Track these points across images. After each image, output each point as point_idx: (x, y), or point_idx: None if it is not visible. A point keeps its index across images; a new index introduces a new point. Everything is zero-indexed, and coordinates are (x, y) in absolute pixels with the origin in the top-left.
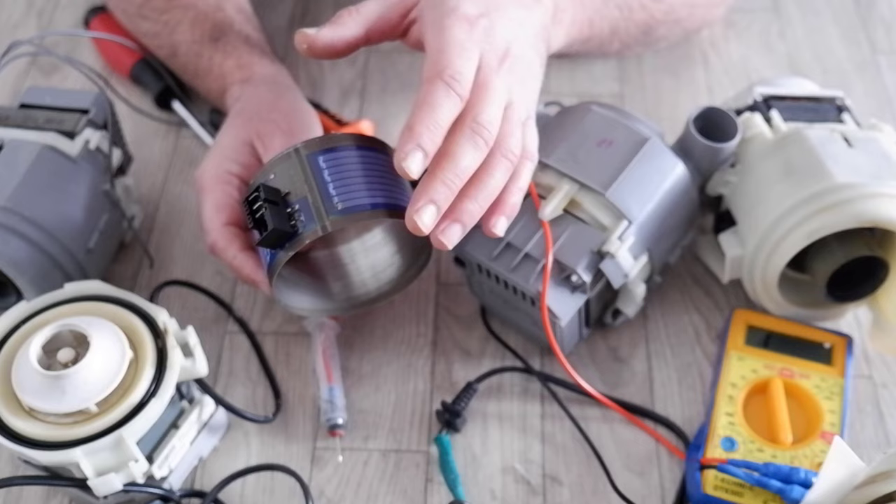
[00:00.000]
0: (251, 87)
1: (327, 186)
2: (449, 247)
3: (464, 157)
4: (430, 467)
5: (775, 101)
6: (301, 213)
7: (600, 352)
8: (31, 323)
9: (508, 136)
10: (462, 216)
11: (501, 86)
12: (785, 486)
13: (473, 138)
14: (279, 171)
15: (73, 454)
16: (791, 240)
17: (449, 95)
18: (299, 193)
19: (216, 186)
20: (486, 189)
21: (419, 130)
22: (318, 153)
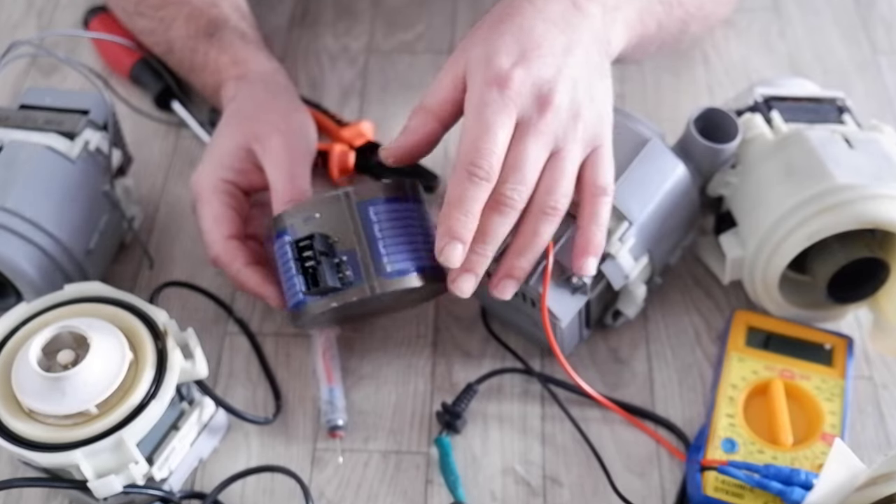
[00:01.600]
0: (246, 86)
1: (377, 244)
2: (506, 298)
3: (493, 227)
4: (430, 469)
5: (776, 101)
6: (349, 265)
7: (601, 353)
8: (31, 324)
9: (548, 192)
10: (513, 272)
11: (539, 142)
12: (785, 487)
13: (499, 209)
14: (326, 213)
15: (73, 456)
16: (792, 241)
17: (474, 184)
18: (348, 244)
19: (213, 196)
20: (532, 245)
21: (451, 224)
22: (369, 203)
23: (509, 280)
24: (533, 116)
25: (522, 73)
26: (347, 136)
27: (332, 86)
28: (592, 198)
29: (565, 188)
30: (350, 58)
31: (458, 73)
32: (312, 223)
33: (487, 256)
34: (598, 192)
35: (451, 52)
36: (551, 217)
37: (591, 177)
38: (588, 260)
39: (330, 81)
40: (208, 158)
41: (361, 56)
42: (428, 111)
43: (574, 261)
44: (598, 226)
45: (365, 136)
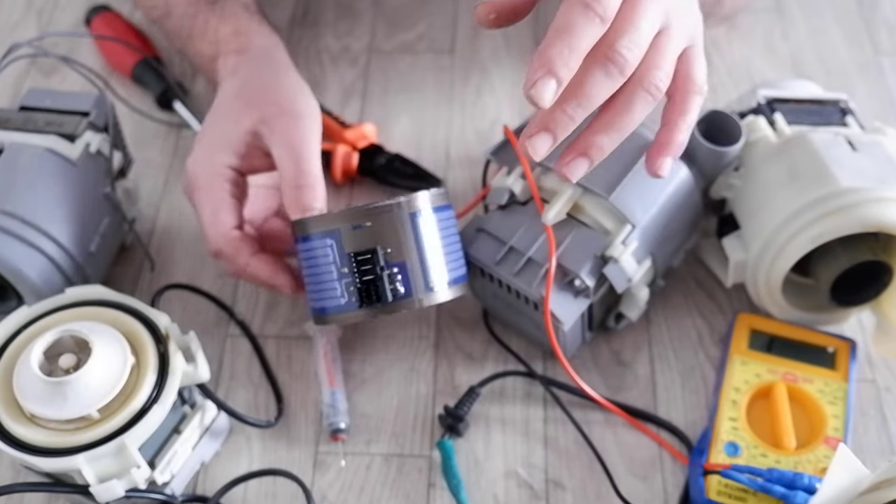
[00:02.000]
0: (248, 63)
1: (426, 257)
2: (573, 180)
3: (592, 85)
4: (432, 472)
5: (779, 103)
6: (399, 276)
7: (603, 356)
8: (33, 328)
9: (653, 67)
10: (590, 150)
11: (655, 7)
12: (789, 491)
13: (606, 66)
14: (379, 222)
15: (75, 461)
16: (795, 244)
17: (587, 17)
18: (399, 255)
19: (213, 185)
20: (621, 123)
21: (551, 55)
22: (418, 213)
23: (583, 159)
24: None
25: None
26: (351, 137)
27: (334, 86)
28: (685, 93)
29: (669, 68)
30: (351, 58)
31: None
32: (361, 233)
33: (575, 120)
34: (694, 87)
35: (453, 52)
36: (650, 97)
37: (686, 70)
38: (664, 160)
39: (331, 82)
40: (208, 142)
41: (363, 56)
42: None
43: (650, 159)
44: (687, 125)
45: (368, 138)
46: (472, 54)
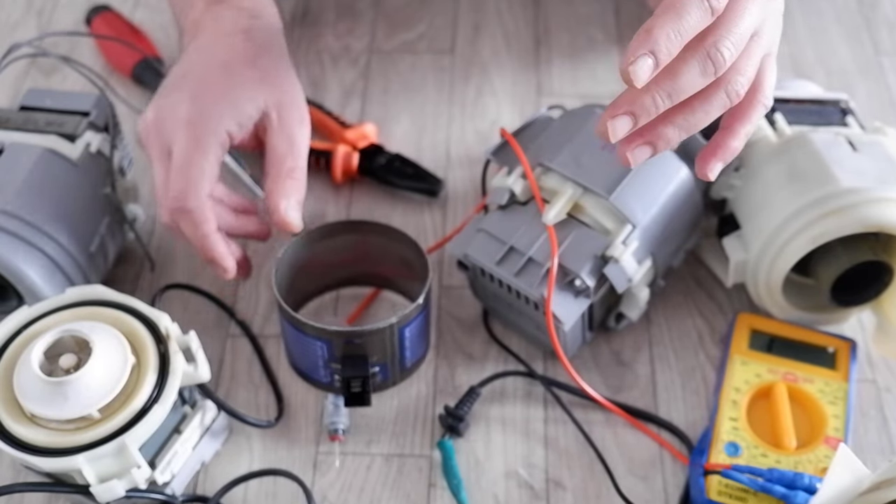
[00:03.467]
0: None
1: (405, 352)
2: (633, 166)
3: (686, 78)
4: (433, 472)
5: (779, 103)
6: (380, 373)
7: (603, 356)
8: (33, 328)
9: (739, 71)
10: (657, 140)
11: (755, 11)
12: (789, 491)
13: (705, 63)
14: (370, 340)
15: (76, 461)
16: (795, 244)
17: (700, 5)
18: (381, 358)
19: (211, 146)
20: (694, 119)
21: (657, 35)
22: (406, 326)
23: (648, 147)
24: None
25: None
26: (351, 137)
27: (334, 86)
28: (753, 102)
29: (752, 75)
30: (351, 58)
31: None
32: (354, 345)
33: (660, 109)
34: (762, 98)
35: (454, 52)
36: (729, 101)
37: (760, 79)
38: (716, 164)
39: (331, 81)
40: (218, 96)
41: (363, 56)
42: None
43: (702, 160)
44: (746, 133)
45: (368, 138)
46: (472, 54)
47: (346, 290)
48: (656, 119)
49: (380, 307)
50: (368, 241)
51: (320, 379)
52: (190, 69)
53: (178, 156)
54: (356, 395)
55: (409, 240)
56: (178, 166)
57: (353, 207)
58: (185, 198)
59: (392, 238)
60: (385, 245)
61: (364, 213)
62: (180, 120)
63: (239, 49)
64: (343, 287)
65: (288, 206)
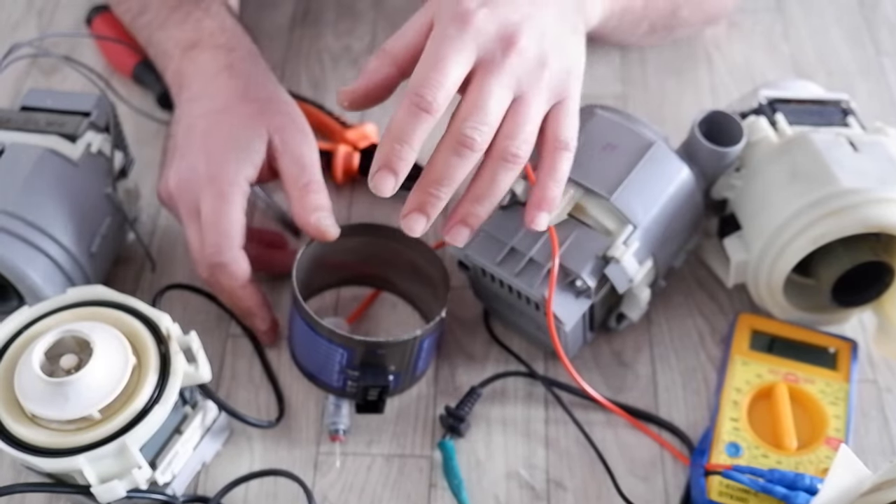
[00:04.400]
0: (245, 62)
1: (419, 362)
2: (460, 245)
3: (449, 167)
4: (433, 472)
5: (780, 104)
6: (393, 381)
7: (604, 356)
8: (34, 328)
9: (508, 136)
10: (467, 218)
11: (501, 82)
12: (790, 492)
13: (456, 148)
14: (392, 352)
15: (77, 461)
16: (796, 245)
17: (414, 113)
18: (398, 368)
19: (236, 199)
20: (490, 193)
21: (385, 153)
22: (425, 339)
23: (463, 227)
24: (496, 56)
25: (487, 12)
26: (352, 138)
27: (334, 86)
28: (553, 151)
29: (527, 135)
30: (352, 58)
31: (424, 21)
32: (376, 356)
33: (442, 199)
34: (560, 145)
35: None
36: (511, 164)
37: (553, 129)
38: (539, 215)
39: (332, 82)
40: (229, 150)
41: (363, 56)
42: (388, 54)
43: (526, 214)
44: (556, 181)
45: (369, 138)
46: None
47: (347, 290)
48: (461, 200)
49: (380, 308)
50: (380, 244)
51: (331, 383)
52: (192, 123)
53: (207, 212)
54: (370, 403)
55: (426, 249)
56: (208, 223)
57: (353, 207)
58: (220, 251)
59: (408, 245)
60: (399, 251)
61: (364, 213)
62: (201, 178)
63: (229, 88)
64: (345, 286)
65: (319, 219)
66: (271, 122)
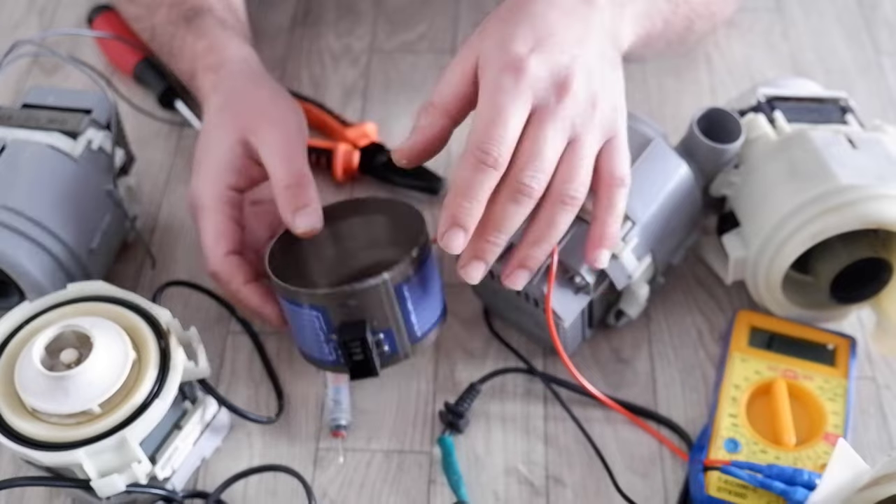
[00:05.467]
0: (227, 78)
1: (410, 316)
2: (518, 289)
3: (506, 215)
4: (433, 468)
5: (779, 102)
6: (386, 342)
7: (603, 353)
8: (34, 324)
9: (566, 180)
10: (526, 262)
11: (556, 127)
12: (788, 487)
13: (514, 196)
14: (364, 301)
15: (76, 455)
16: (795, 241)
17: (481, 171)
18: (384, 323)
19: (217, 207)
20: (548, 236)
21: (455, 212)
22: (404, 282)
23: (522, 270)
24: (551, 102)
25: (539, 59)
26: (352, 136)
27: (335, 85)
28: (609, 188)
29: (584, 177)
30: (352, 57)
31: (468, 67)
32: (348, 310)
33: (500, 245)
34: (616, 182)
35: (454, 52)
36: (569, 207)
37: (607, 167)
38: (602, 252)
39: (332, 81)
40: (206, 164)
41: (364, 56)
42: (437, 107)
43: (588, 252)
44: (615, 217)
45: (369, 136)
46: None
47: None
48: (520, 244)
49: None
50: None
51: (325, 358)
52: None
53: (197, 226)
54: (360, 365)
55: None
56: (199, 236)
57: None
58: (208, 262)
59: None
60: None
61: None
62: (192, 191)
63: (213, 107)
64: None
65: (294, 217)
66: (245, 124)
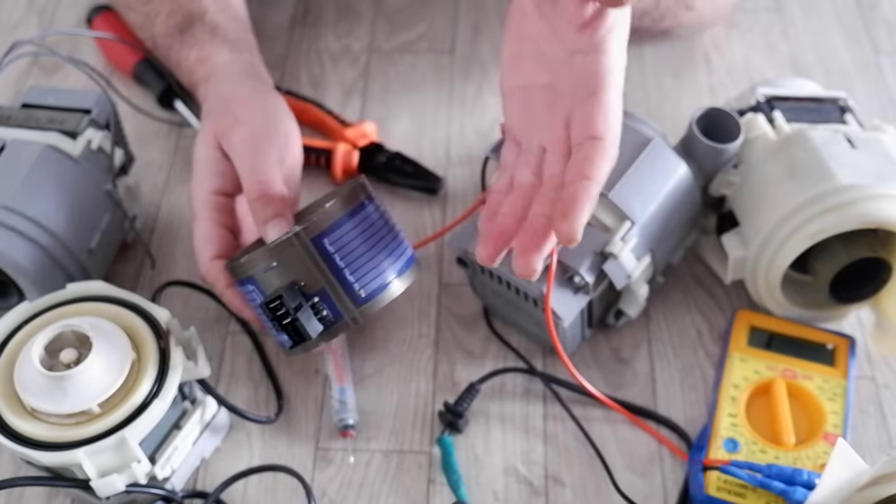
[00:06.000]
0: (213, 85)
1: (343, 273)
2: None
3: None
4: (432, 468)
5: (778, 101)
6: (323, 304)
7: (603, 352)
8: (34, 323)
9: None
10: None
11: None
12: (788, 487)
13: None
14: (283, 260)
15: (76, 455)
16: (794, 241)
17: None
18: (315, 284)
19: (203, 213)
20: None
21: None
22: (322, 235)
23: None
24: None
25: None
26: (351, 136)
27: (334, 85)
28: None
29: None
30: (352, 58)
31: None
32: (272, 273)
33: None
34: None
35: (453, 52)
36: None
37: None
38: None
39: (331, 81)
40: (194, 171)
41: (363, 56)
42: None
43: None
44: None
45: (368, 136)
46: (471, 54)
47: None
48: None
49: None
50: None
51: (279, 337)
52: None
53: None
54: (292, 330)
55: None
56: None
57: None
58: (197, 267)
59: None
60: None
61: None
62: (190, 202)
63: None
64: None
65: (265, 228)
66: (217, 125)
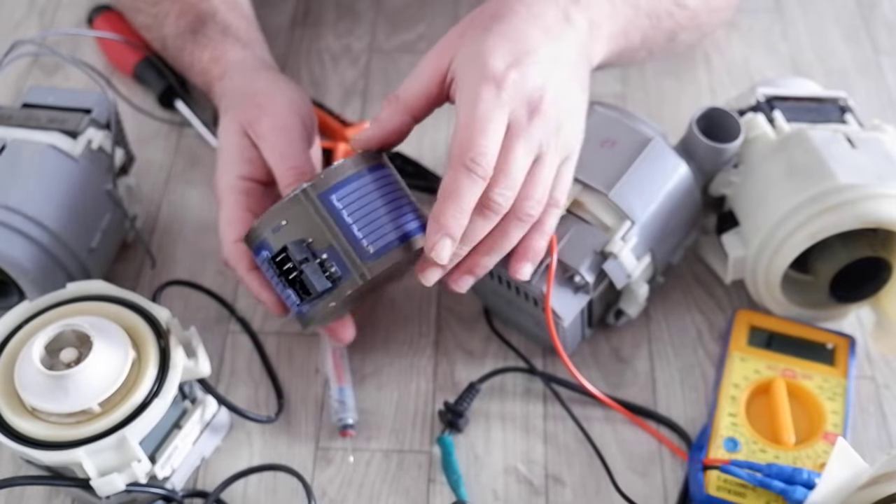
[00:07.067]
0: (230, 81)
1: (351, 229)
2: (462, 292)
3: (473, 232)
4: (432, 468)
5: (778, 101)
6: (332, 261)
7: (603, 352)
8: (34, 323)
9: (526, 198)
10: (474, 269)
11: (528, 145)
12: (788, 486)
13: (484, 213)
14: (292, 217)
15: (76, 454)
16: (794, 240)
17: (472, 180)
18: (323, 241)
19: (228, 197)
20: (499, 247)
21: (445, 222)
22: (330, 192)
23: (469, 276)
24: (523, 120)
25: (517, 76)
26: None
27: (334, 85)
28: (546, 210)
29: (542, 195)
30: (352, 57)
31: (440, 68)
32: (282, 232)
33: (460, 256)
34: (552, 202)
35: None
36: (524, 223)
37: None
38: (525, 266)
39: (332, 81)
40: (220, 159)
41: (363, 56)
42: (402, 103)
43: (511, 264)
44: (542, 234)
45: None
46: None
47: None
48: (471, 252)
49: (380, 310)
50: None
51: (292, 305)
52: None
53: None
54: (300, 285)
55: None
56: None
57: None
58: (221, 249)
59: None
60: None
61: None
62: (214, 190)
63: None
64: None
65: None
66: (243, 118)
